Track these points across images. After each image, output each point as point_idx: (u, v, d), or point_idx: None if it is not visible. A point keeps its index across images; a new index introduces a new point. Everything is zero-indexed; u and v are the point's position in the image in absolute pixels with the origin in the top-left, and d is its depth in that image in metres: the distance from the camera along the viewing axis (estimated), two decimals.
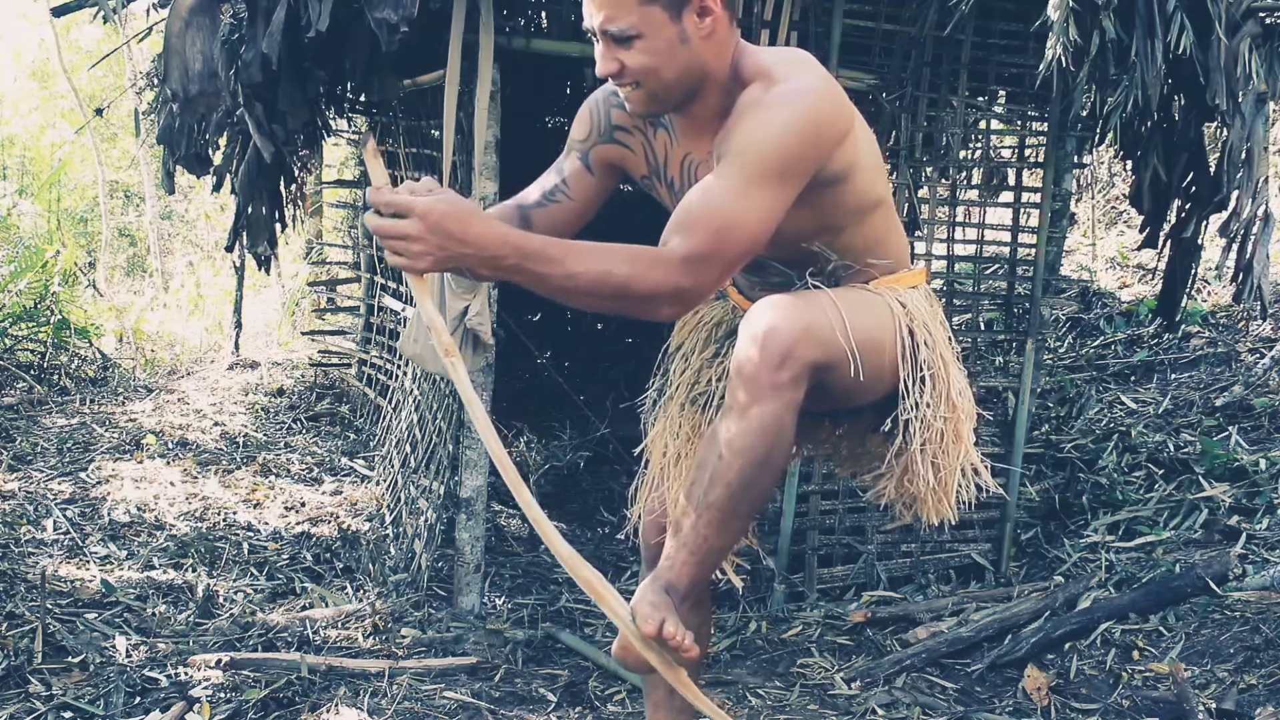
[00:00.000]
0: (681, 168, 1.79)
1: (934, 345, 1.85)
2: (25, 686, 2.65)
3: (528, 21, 4.35)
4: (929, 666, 3.15)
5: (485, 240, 1.46)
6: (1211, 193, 3.59)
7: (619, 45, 1.63)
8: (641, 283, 1.52)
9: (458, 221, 1.45)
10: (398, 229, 1.43)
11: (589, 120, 1.85)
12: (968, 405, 1.90)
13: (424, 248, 1.44)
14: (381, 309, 5.53)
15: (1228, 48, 3.23)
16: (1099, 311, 6.08)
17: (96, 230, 11.48)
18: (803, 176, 1.62)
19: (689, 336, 2.12)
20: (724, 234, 1.55)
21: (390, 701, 2.75)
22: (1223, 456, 4.08)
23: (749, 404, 1.61)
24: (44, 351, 6.20)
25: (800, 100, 1.60)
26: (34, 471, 4.44)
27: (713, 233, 1.54)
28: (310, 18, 2.95)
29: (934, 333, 1.87)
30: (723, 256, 1.56)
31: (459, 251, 1.45)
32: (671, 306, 1.58)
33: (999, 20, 3.63)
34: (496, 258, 1.47)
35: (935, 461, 1.84)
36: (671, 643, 1.57)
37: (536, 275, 1.49)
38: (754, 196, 1.56)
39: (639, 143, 1.81)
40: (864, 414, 1.93)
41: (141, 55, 8.71)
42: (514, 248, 1.48)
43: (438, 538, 3.59)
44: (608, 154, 1.84)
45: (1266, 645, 2.92)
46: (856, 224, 1.80)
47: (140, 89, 5.12)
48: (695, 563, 1.64)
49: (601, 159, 1.84)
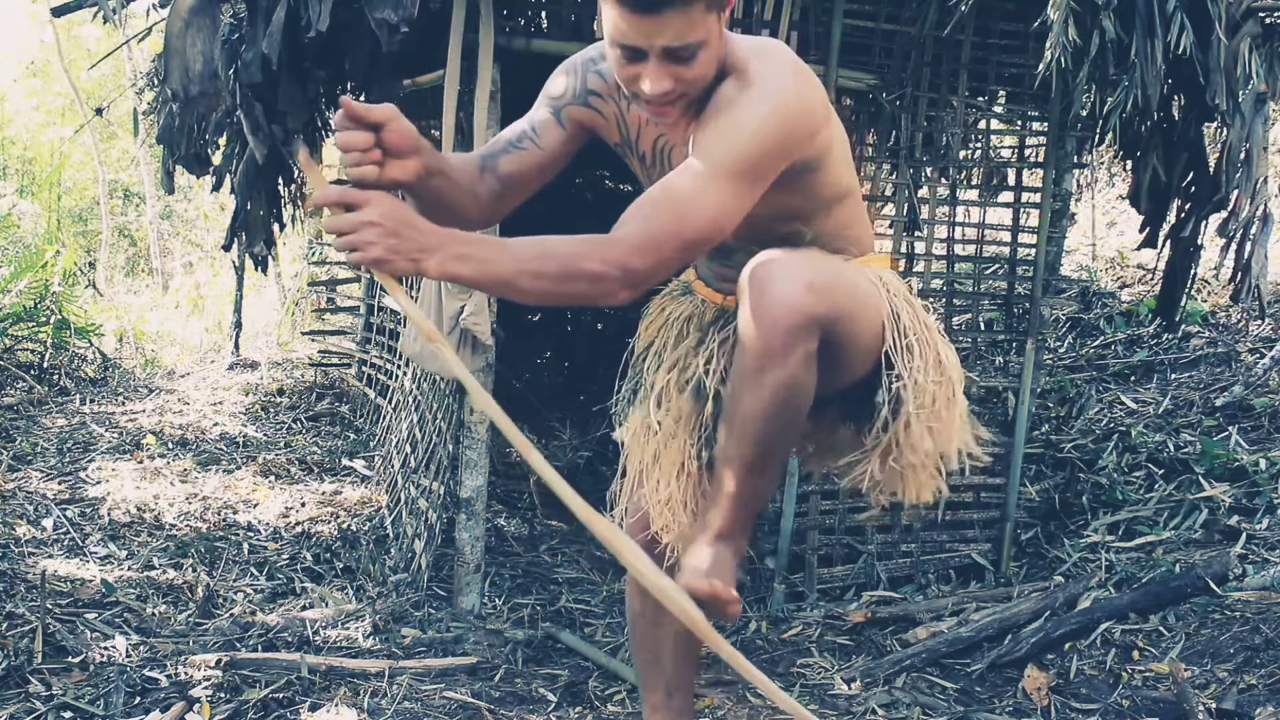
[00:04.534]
0: (654, 147, 1.80)
1: (915, 314, 1.88)
2: (25, 686, 2.64)
3: (528, 21, 4.34)
4: (929, 666, 3.15)
5: (432, 229, 1.45)
6: (1211, 193, 3.59)
7: (680, 62, 1.58)
8: (590, 260, 1.50)
9: (406, 209, 1.44)
10: (351, 220, 1.40)
11: (564, 81, 1.83)
12: (956, 370, 1.91)
13: (379, 234, 1.40)
14: (381, 309, 5.54)
15: (1228, 48, 3.23)
16: (1099, 311, 6.08)
17: (96, 230, 11.49)
18: (769, 174, 1.64)
19: (657, 335, 2.12)
20: (681, 220, 1.56)
21: (390, 701, 2.75)
22: (1223, 456, 4.08)
23: (762, 370, 1.63)
24: (44, 351, 6.20)
25: (771, 101, 1.61)
26: (34, 471, 4.44)
27: (669, 218, 1.56)
28: (310, 18, 2.95)
29: (914, 304, 1.90)
30: (676, 241, 1.56)
31: (412, 238, 1.41)
32: (622, 288, 1.56)
33: (999, 20, 3.63)
34: (446, 242, 1.44)
35: (931, 426, 1.85)
36: (721, 597, 1.61)
37: (485, 261, 1.46)
38: (716, 190, 1.57)
39: (613, 112, 1.80)
40: (832, 405, 1.93)
41: (141, 55, 8.71)
42: (460, 237, 1.46)
43: (438, 538, 3.59)
44: (579, 115, 1.82)
45: (1266, 645, 2.92)
46: (827, 211, 1.84)
47: (140, 89, 5.12)
48: (740, 505, 1.70)
49: (573, 117, 1.82)
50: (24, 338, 6.23)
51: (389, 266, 1.41)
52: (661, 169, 1.78)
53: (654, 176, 1.80)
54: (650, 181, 1.82)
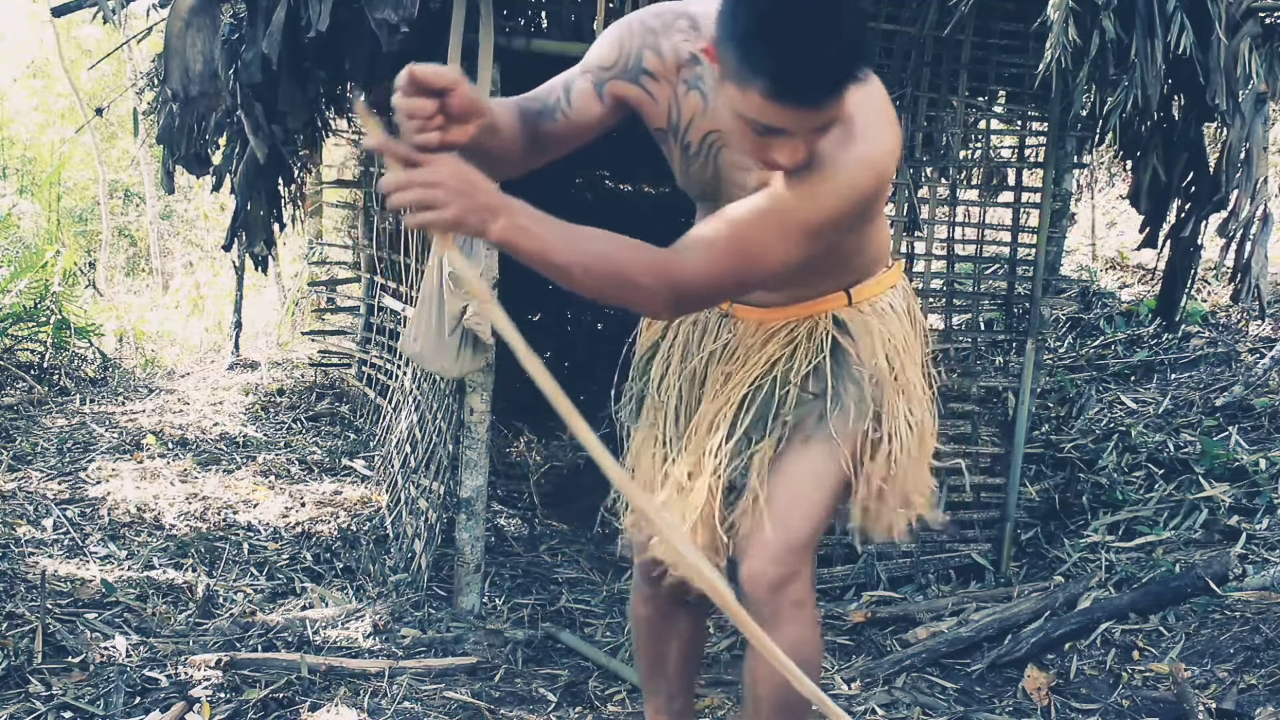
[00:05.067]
0: (704, 140, 1.72)
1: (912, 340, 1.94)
2: (25, 686, 2.64)
3: (528, 21, 4.34)
4: (929, 666, 3.15)
5: (500, 195, 1.41)
6: (1211, 193, 3.59)
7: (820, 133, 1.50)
8: (647, 275, 1.49)
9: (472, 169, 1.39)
10: (422, 176, 1.34)
11: (618, 49, 1.70)
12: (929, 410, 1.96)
13: (449, 193, 1.35)
14: (381, 309, 5.54)
15: (1228, 48, 3.23)
16: (1099, 311, 6.08)
17: (96, 230, 11.49)
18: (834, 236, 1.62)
19: (664, 335, 2.09)
20: (747, 262, 1.55)
21: (390, 701, 2.75)
22: (1223, 456, 4.08)
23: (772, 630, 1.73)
24: (44, 351, 6.20)
25: (871, 167, 1.56)
26: (34, 471, 4.44)
27: (737, 258, 1.54)
28: (310, 18, 2.95)
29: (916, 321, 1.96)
30: (736, 281, 1.58)
31: (481, 199, 1.37)
32: (668, 308, 1.56)
33: (999, 20, 3.63)
34: (512, 209, 1.40)
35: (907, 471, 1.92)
36: None
37: (546, 240, 1.43)
38: (791, 243, 1.55)
39: (665, 95, 1.70)
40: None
41: (141, 55, 8.71)
42: (526, 210, 1.42)
43: (438, 538, 3.59)
44: (625, 91, 1.70)
45: (1266, 645, 2.92)
46: (859, 237, 1.83)
47: (140, 89, 5.12)
48: None
49: (616, 93, 1.70)
50: (24, 338, 6.22)
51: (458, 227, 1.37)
52: (705, 162, 1.73)
53: (693, 168, 1.75)
54: (686, 171, 1.76)
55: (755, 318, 1.94)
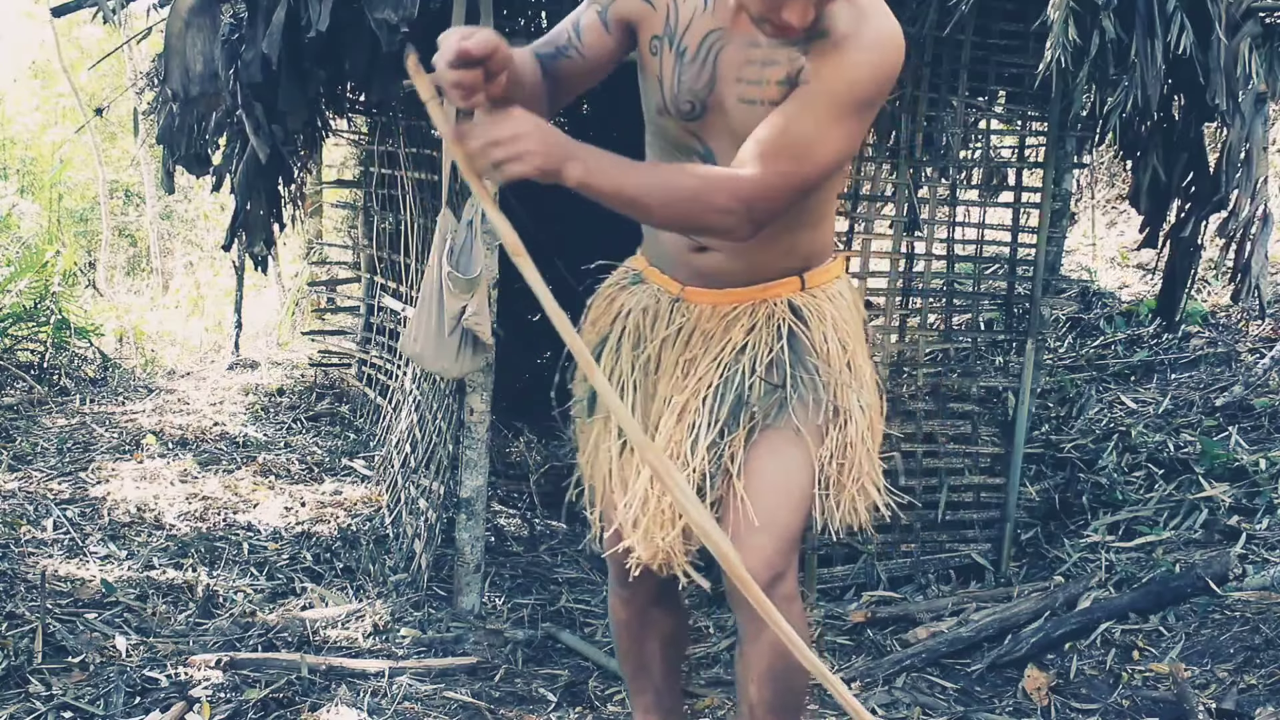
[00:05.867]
0: (702, 42, 1.72)
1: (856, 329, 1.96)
2: (25, 686, 2.65)
3: (528, 21, 4.35)
4: (929, 666, 3.15)
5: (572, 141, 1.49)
6: (1211, 192, 3.59)
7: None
8: (719, 194, 1.57)
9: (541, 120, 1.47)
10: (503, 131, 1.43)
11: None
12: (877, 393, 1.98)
13: (529, 144, 1.44)
14: (381, 309, 5.54)
15: (1228, 48, 3.23)
16: (1099, 311, 6.08)
17: (96, 230, 11.49)
18: (872, 116, 1.68)
19: (612, 327, 2.04)
20: (803, 161, 1.60)
21: (390, 701, 2.75)
22: (1223, 456, 4.08)
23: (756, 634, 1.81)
24: (44, 351, 6.20)
25: (888, 46, 1.62)
26: (34, 471, 4.44)
27: (792, 159, 1.59)
28: (310, 18, 2.95)
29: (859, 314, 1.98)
30: (799, 181, 1.62)
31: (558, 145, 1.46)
32: (746, 224, 1.62)
33: (999, 20, 3.63)
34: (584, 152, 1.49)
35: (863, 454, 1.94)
36: None
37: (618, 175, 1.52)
38: (836, 130, 1.61)
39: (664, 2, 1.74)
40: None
41: (141, 55, 8.72)
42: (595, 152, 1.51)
43: (438, 538, 3.59)
44: (628, 9, 1.76)
45: (1266, 645, 2.92)
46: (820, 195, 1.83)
47: (140, 89, 5.12)
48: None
49: (620, 16, 1.76)
50: (24, 338, 6.22)
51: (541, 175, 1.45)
52: (701, 66, 1.73)
53: (686, 74, 1.74)
54: (678, 82, 1.75)
55: (709, 301, 1.91)
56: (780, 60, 1.66)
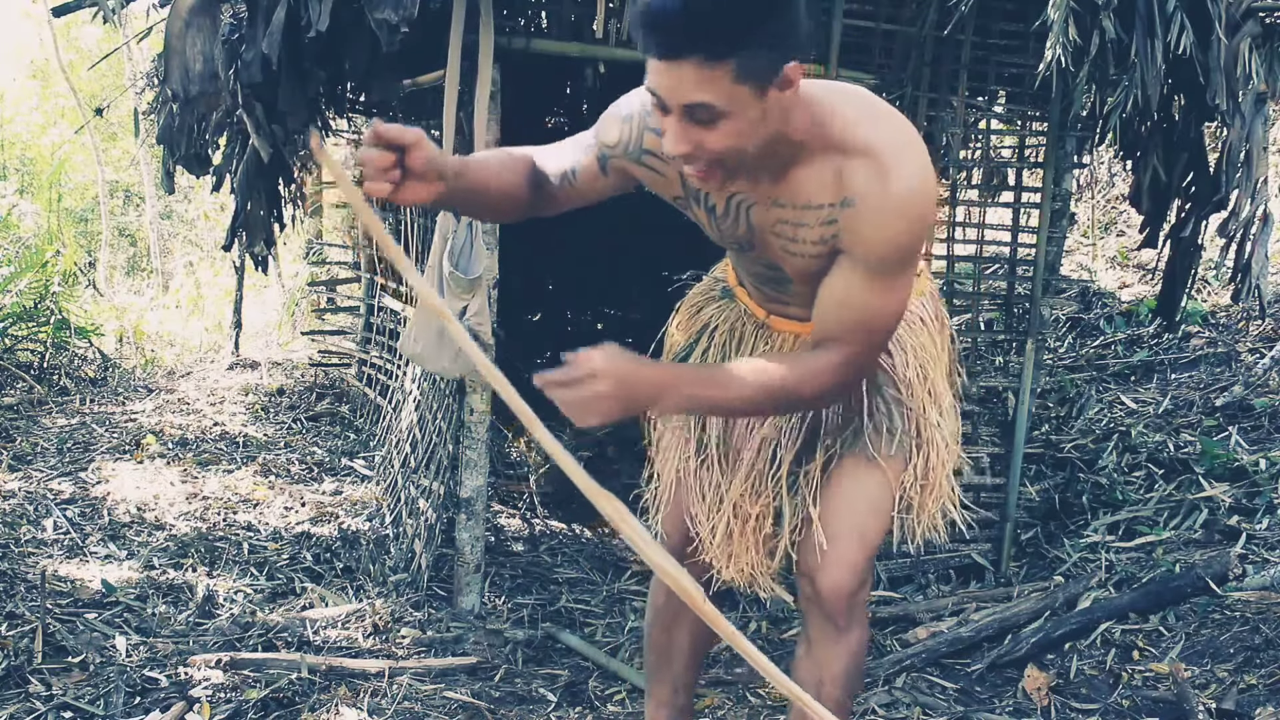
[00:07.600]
0: (729, 200, 1.72)
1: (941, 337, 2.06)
2: (25, 686, 2.65)
3: (528, 21, 4.34)
4: (929, 666, 3.15)
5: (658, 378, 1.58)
6: (1211, 193, 3.59)
7: (699, 124, 1.47)
8: (809, 387, 1.66)
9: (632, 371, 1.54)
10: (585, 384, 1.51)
11: (619, 133, 1.75)
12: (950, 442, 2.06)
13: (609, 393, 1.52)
14: (381, 309, 5.54)
15: (1228, 48, 3.23)
16: (1099, 311, 6.08)
17: (96, 230, 11.49)
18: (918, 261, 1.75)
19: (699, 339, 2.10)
20: (874, 334, 1.69)
21: (390, 701, 2.75)
22: (1223, 456, 4.08)
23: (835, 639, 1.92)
24: (44, 351, 6.20)
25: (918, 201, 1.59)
26: (34, 471, 4.44)
27: (864, 335, 1.67)
28: (310, 18, 2.95)
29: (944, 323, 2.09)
30: (873, 350, 1.73)
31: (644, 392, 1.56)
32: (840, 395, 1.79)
33: (999, 20, 3.63)
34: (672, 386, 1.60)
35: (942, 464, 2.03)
36: None
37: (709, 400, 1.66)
38: (891, 294, 1.66)
39: (673, 170, 1.71)
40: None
41: (141, 55, 8.72)
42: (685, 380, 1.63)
43: (438, 538, 3.59)
44: (630, 169, 1.77)
45: (1266, 645, 2.92)
46: None
47: (140, 89, 5.12)
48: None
49: (620, 169, 1.77)
50: (24, 338, 6.22)
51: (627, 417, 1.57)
52: (736, 221, 1.73)
53: (725, 226, 1.75)
54: (719, 229, 1.77)
55: (792, 330, 1.96)
56: (809, 222, 1.65)
